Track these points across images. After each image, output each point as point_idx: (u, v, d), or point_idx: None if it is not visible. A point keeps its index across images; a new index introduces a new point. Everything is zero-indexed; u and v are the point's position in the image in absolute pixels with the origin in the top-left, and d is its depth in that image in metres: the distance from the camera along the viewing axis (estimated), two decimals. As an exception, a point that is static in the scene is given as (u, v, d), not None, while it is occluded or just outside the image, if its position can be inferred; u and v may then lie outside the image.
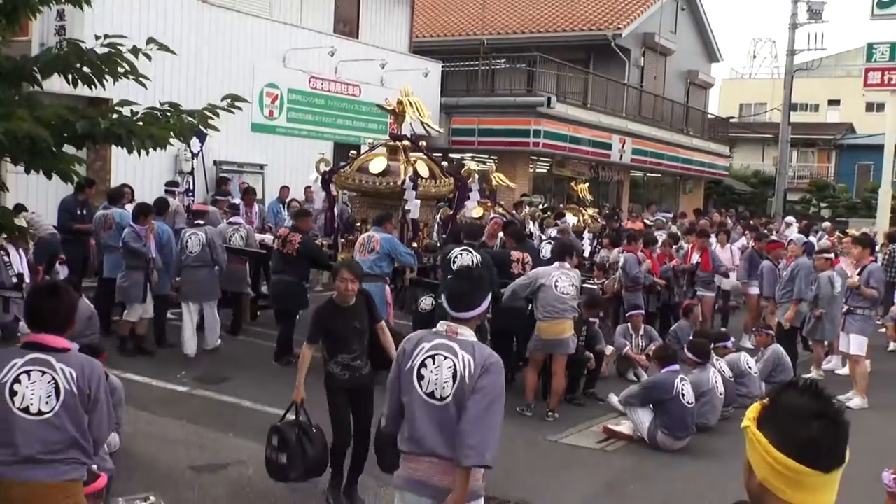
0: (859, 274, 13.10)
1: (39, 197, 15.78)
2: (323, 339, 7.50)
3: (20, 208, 14.91)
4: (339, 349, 7.45)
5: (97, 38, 5.57)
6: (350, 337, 7.44)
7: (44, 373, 4.77)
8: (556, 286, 10.70)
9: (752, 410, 2.54)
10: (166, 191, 17.08)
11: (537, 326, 10.86)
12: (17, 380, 4.72)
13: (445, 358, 4.94)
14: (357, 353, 7.49)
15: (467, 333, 5.04)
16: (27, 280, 10.79)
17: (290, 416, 7.59)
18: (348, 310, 7.48)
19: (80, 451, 4.85)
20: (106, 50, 5.42)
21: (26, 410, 4.70)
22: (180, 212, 15.39)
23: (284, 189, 19.56)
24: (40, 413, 4.72)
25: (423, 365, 4.98)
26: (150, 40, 5.77)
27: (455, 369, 4.91)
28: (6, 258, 10.69)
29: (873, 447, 10.27)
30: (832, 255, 14.93)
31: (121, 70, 5.50)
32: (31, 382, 4.72)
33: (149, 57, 5.69)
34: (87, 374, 4.88)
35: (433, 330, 5.18)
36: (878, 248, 15.61)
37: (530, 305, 11.18)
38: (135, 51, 5.56)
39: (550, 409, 10.96)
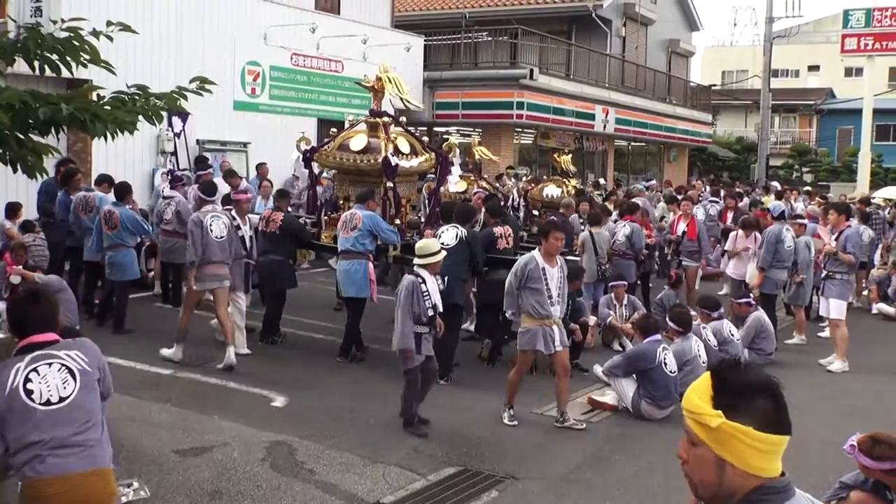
0: (836, 239, 13.18)
1: (20, 184, 15.54)
2: None
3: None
4: None
5: (53, 22, 5.42)
6: None
7: (51, 363, 4.74)
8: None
9: (701, 408, 2.50)
10: (172, 185, 16.40)
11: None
12: (27, 379, 4.66)
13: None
14: None
15: None
16: (440, 309, 9.36)
17: None
18: None
19: (104, 431, 4.82)
20: (66, 35, 5.26)
21: (48, 403, 4.66)
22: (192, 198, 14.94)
23: (263, 166, 19.33)
24: (62, 400, 4.68)
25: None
26: (110, 23, 5.65)
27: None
28: (423, 287, 9.18)
29: (855, 409, 10.40)
30: (806, 221, 15.12)
31: (85, 57, 5.35)
32: (41, 377, 4.68)
33: (110, 38, 5.56)
34: (91, 349, 4.93)
35: None
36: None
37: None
38: (95, 33, 5.37)
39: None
